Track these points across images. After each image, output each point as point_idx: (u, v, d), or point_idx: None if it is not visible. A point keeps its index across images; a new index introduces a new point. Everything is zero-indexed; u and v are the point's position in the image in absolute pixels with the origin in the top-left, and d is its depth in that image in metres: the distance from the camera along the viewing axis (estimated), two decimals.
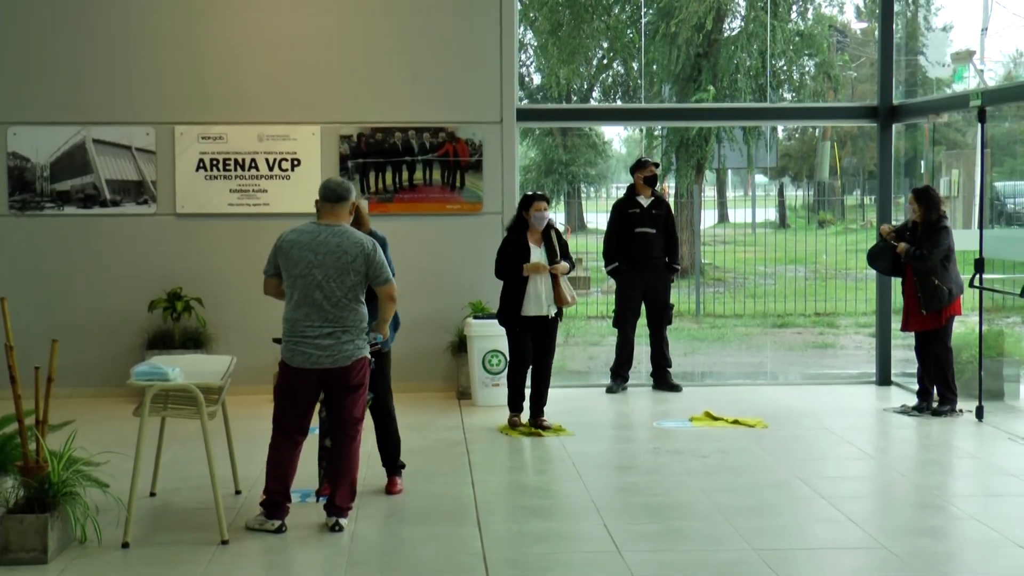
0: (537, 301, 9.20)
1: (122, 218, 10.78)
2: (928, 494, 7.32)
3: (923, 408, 9.80)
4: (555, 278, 9.14)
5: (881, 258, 10.01)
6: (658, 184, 11.00)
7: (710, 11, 21.09)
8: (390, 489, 7.27)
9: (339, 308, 6.42)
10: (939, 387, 9.81)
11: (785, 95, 22.52)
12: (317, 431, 6.95)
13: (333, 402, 6.58)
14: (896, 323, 11.74)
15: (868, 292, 16.35)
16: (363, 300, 6.53)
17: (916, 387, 10.01)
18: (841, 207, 32.58)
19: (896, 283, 11.58)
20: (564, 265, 9.17)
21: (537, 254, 9.20)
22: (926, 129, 11.82)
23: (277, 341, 6.84)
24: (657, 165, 11.14)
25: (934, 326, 9.65)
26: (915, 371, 11.60)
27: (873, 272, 11.61)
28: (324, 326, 6.41)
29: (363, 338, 6.53)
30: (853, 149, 35.03)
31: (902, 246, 9.68)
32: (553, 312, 9.21)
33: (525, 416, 9.38)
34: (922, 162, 13.08)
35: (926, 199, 9.70)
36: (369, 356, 6.62)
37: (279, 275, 6.54)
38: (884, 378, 11.31)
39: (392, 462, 7.43)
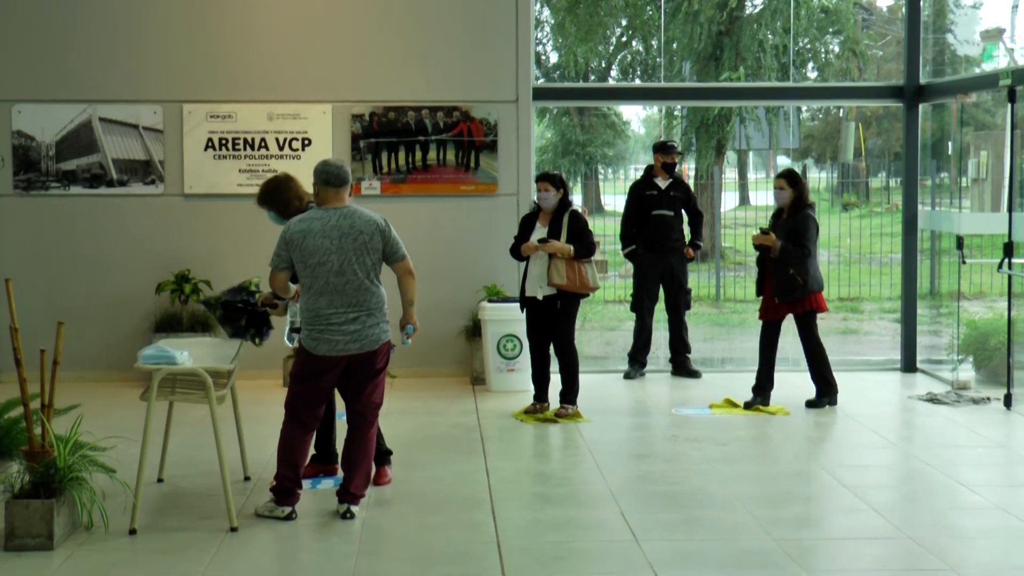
0: (532, 282, 9.19)
1: (129, 198, 10.81)
2: (953, 483, 7.30)
3: (752, 403, 9.49)
4: (551, 258, 9.09)
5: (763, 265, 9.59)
6: (677, 168, 10.97)
7: None
8: (378, 480, 7.23)
9: (361, 292, 6.43)
10: (816, 380, 9.53)
11: (809, 74, 22.42)
12: (344, 417, 6.86)
13: (354, 388, 6.59)
14: (922, 308, 11.73)
15: (893, 277, 16.29)
16: (381, 281, 6.54)
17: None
18: (866, 190, 32.40)
19: (924, 267, 11.55)
20: (553, 243, 9.02)
21: (537, 234, 9.17)
22: (954, 109, 11.75)
23: (295, 331, 6.84)
24: (680, 154, 11.12)
25: (783, 315, 9.42)
26: (940, 357, 11.59)
27: (899, 256, 11.58)
28: (349, 311, 6.42)
29: (387, 321, 6.55)
30: (878, 130, 34.85)
31: (775, 243, 9.23)
32: (542, 294, 9.15)
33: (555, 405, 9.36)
34: (949, 143, 13.02)
35: (799, 181, 9.42)
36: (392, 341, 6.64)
37: (289, 268, 6.53)
38: (909, 365, 11.27)
39: (378, 453, 7.32)
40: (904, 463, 8.07)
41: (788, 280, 9.23)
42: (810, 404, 9.53)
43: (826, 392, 9.54)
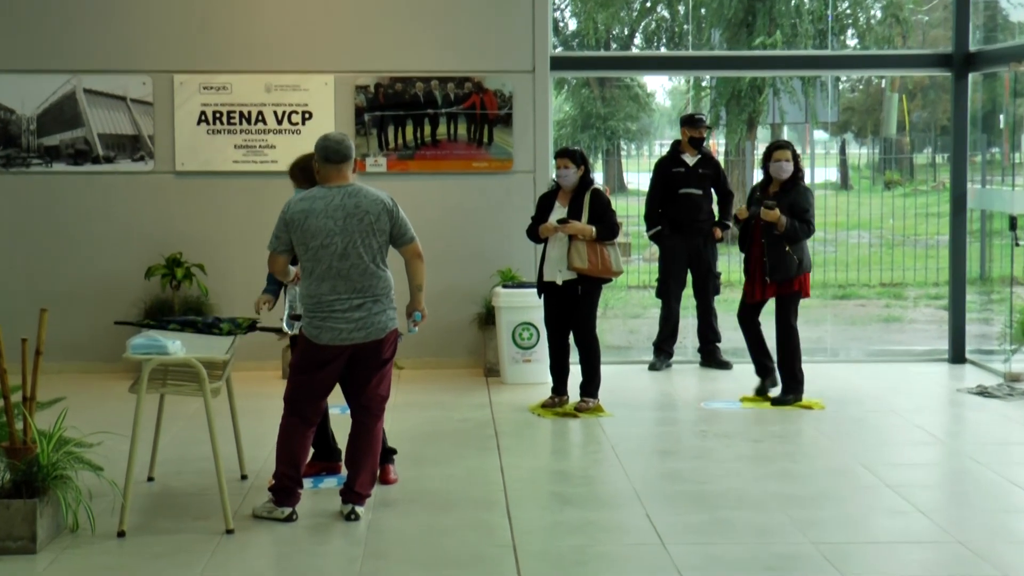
0: (550, 266, 9.16)
1: (116, 176, 10.82)
2: (1005, 483, 7.28)
3: (763, 391, 9.49)
4: (571, 240, 9.04)
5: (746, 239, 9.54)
6: (705, 143, 10.94)
7: None
8: (384, 479, 7.23)
9: (367, 276, 6.40)
10: (784, 374, 9.43)
11: (848, 42, 22.32)
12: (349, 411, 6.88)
13: (359, 379, 6.58)
14: (971, 295, 11.68)
15: (940, 260, 16.24)
16: (387, 265, 6.52)
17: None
18: (910, 166, 32.29)
19: (973, 250, 11.47)
20: (574, 224, 8.96)
21: (556, 214, 9.13)
22: (1006, 79, 11.64)
23: (295, 318, 6.83)
24: (709, 128, 11.09)
25: (770, 296, 9.35)
26: (991, 347, 11.54)
27: (946, 238, 11.52)
28: (353, 297, 6.39)
29: (394, 308, 6.53)
30: (924, 102, 34.74)
31: (781, 219, 9.03)
32: (562, 279, 9.11)
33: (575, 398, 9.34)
34: (1001, 116, 12.93)
35: (798, 153, 9.30)
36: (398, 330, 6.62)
37: (289, 251, 6.50)
38: (958, 355, 11.24)
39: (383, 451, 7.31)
40: (952, 461, 8.05)
41: (784, 258, 9.14)
42: (776, 402, 9.39)
43: (793, 389, 9.38)
